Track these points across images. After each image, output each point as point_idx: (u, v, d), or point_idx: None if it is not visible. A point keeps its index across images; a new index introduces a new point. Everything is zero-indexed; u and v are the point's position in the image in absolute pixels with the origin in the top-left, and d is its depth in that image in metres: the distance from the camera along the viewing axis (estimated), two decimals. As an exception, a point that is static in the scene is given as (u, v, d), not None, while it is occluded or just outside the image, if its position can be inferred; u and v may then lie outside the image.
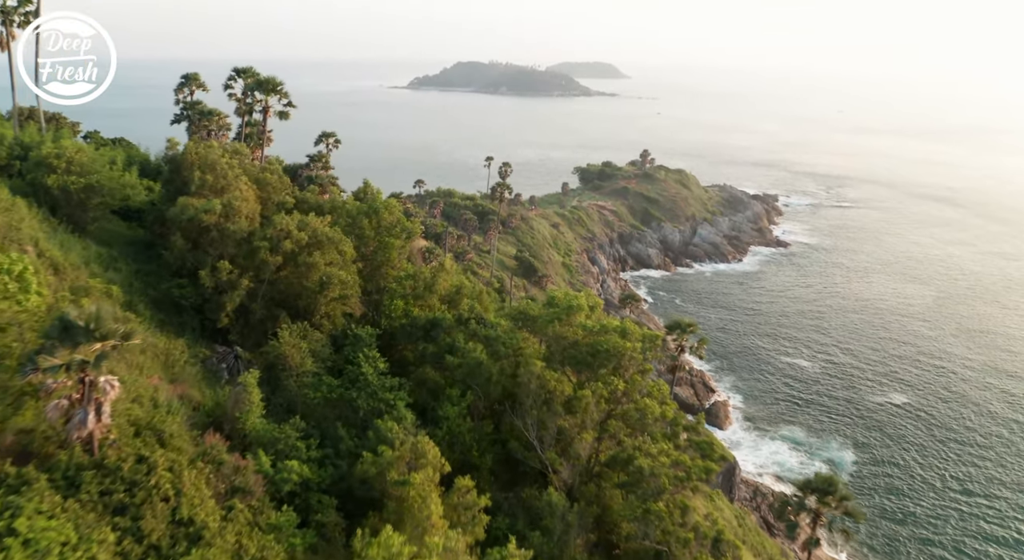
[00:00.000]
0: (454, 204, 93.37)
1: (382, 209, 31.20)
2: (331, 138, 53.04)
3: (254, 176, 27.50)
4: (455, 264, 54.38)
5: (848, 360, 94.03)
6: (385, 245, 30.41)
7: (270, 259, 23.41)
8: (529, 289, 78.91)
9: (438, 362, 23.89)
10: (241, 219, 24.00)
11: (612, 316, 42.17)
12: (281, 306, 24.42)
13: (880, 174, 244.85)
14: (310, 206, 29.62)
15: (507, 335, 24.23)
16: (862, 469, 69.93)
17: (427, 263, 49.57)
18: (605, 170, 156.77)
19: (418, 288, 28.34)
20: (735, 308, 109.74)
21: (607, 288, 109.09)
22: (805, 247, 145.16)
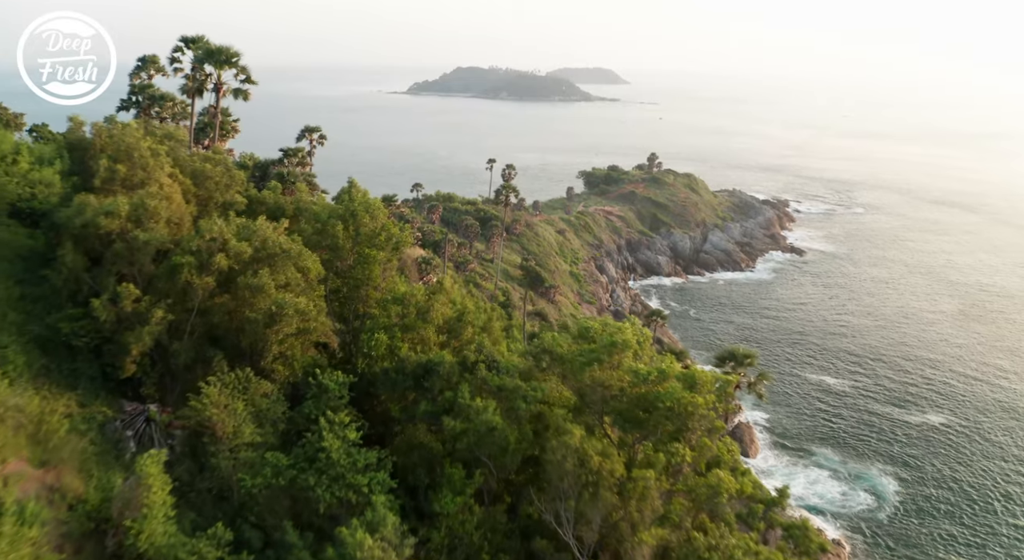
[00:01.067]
0: (454, 209, 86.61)
1: (361, 212, 24.42)
2: (315, 133, 46.37)
3: (191, 169, 20.76)
4: (457, 280, 47.46)
5: (877, 376, 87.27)
6: (365, 259, 23.74)
7: (198, 281, 16.65)
8: (536, 301, 72.03)
9: (434, 422, 17.17)
10: (159, 225, 17.24)
11: (663, 354, 35.19)
12: (217, 345, 17.71)
13: (890, 179, 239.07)
14: (268, 209, 22.92)
15: (529, 387, 17.40)
16: (910, 497, 63.15)
17: (423, 276, 42.65)
18: (611, 174, 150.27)
19: (408, 316, 21.57)
20: (752, 320, 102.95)
21: (616, 298, 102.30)
22: (821, 255, 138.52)
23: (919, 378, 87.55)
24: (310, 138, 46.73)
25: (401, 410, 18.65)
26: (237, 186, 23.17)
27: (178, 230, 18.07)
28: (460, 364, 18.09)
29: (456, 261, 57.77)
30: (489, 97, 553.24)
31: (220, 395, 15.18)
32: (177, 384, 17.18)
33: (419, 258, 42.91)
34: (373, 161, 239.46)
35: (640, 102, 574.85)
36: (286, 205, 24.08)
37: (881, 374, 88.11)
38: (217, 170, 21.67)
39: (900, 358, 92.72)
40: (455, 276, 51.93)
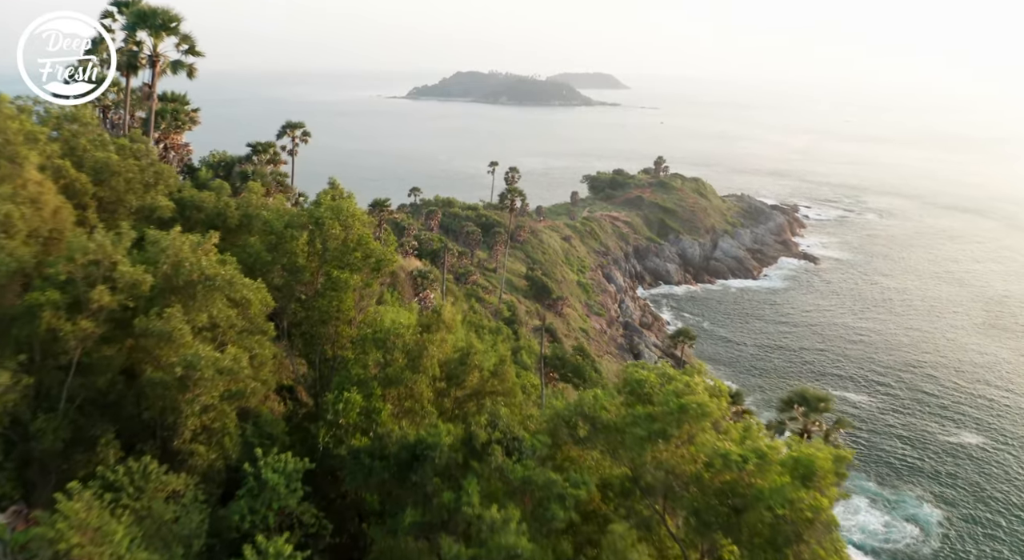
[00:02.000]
0: (454, 214, 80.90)
1: (328, 220, 18.75)
2: (297, 130, 40.71)
3: (92, 161, 15.07)
4: (458, 296, 41.69)
5: (904, 390, 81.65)
6: (334, 284, 18.14)
7: (68, 327, 10.93)
8: (542, 314, 66.19)
9: (427, 534, 11.51)
10: (14, 240, 11.51)
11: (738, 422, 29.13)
12: (109, 417, 12.05)
13: (898, 184, 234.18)
14: (206, 216, 17.22)
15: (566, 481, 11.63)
16: (956, 525, 57.53)
17: (419, 293, 36.90)
18: (617, 178, 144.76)
19: (393, 364, 15.76)
20: (769, 332, 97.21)
21: (625, 309, 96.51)
22: (836, 262, 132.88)
23: (949, 392, 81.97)
24: (292, 135, 41.15)
25: (381, 502, 13.03)
26: (168, 184, 17.41)
27: (51, 248, 12.44)
28: (466, 444, 12.52)
29: (456, 272, 52.18)
30: (489, 102, 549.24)
31: (90, 510, 9.54)
32: (50, 475, 11.54)
33: (415, 271, 37.13)
34: (371, 166, 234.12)
35: (641, 107, 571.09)
36: (229, 212, 18.22)
37: (908, 389, 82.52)
38: (128, 164, 15.94)
39: (927, 371, 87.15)
40: (456, 291, 46.15)
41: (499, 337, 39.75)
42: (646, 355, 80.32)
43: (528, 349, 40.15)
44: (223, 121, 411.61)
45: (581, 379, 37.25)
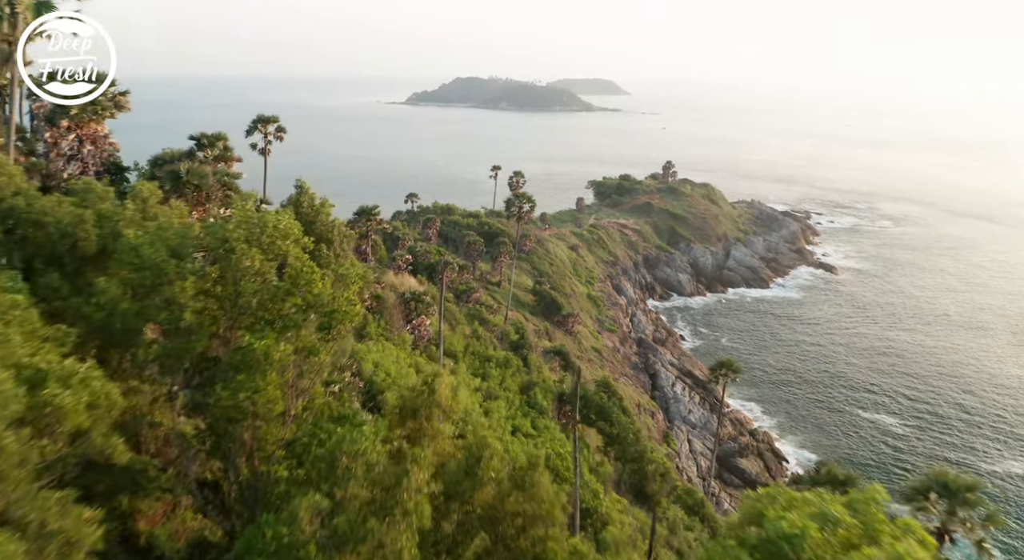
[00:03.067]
0: (454, 222, 74.58)
1: (240, 248, 11.74)
2: (270, 125, 34.51)
3: None
4: (459, 330, 35.36)
5: (940, 414, 75.23)
6: (246, 358, 10.56)
7: None
8: (552, 333, 59.82)
9: None
10: None
11: None
12: None
13: (907, 189, 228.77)
14: (46, 236, 10.45)
15: None
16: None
17: (411, 321, 30.52)
18: (624, 184, 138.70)
19: (346, 508, 8.54)
20: (792, 347, 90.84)
21: (637, 323, 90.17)
22: (855, 273, 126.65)
23: (988, 415, 75.56)
24: (264, 131, 35.02)
25: None
26: None
27: None
28: None
29: (457, 289, 45.92)
30: (489, 107, 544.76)
31: None
32: None
33: (407, 293, 30.75)
34: (368, 171, 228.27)
35: (642, 112, 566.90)
36: (82, 230, 11.71)
37: (944, 412, 76.12)
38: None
39: (961, 391, 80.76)
40: (457, 313, 39.81)
41: (508, 371, 33.46)
42: (663, 376, 73.92)
43: (543, 385, 33.76)
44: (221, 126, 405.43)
45: (607, 422, 30.94)
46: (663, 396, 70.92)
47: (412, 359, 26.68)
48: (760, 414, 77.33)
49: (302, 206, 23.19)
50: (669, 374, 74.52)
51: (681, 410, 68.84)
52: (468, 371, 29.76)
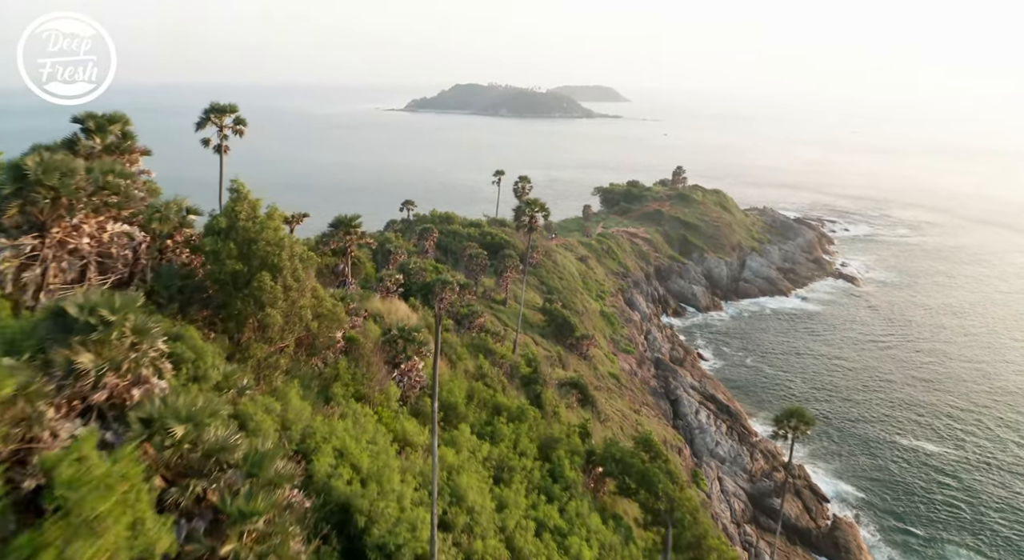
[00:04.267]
0: (453, 233, 67.51)
1: None
2: (227, 116, 27.67)
3: None
4: (459, 369, 28.60)
5: (984, 440, 68.18)
6: None
7: None
8: (565, 358, 52.67)
9: None
10: None
11: None
12: None
13: (919, 196, 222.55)
14: None
15: None
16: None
17: (399, 366, 23.33)
18: (632, 190, 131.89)
19: None
20: (818, 366, 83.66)
21: (653, 341, 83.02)
22: (878, 284, 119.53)
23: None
24: (218, 123, 28.16)
25: None
26: None
27: None
28: None
29: (457, 314, 38.75)
30: (488, 114, 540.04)
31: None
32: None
33: (394, 329, 23.68)
34: (364, 178, 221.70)
35: (643, 119, 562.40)
36: None
37: (989, 438, 68.99)
38: None
39: (1007, 413, 73.72)
40: (457, 345, 32.80)
41: (523, 426, 26.31)
42: (685, 402, 66.70)
43: (568, 443, 26.57)
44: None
45: (650, 492, 23.82)
46: (687, 426, 63.68)
47: (397, 424, 19.49)
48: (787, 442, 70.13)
49: (238, 218, 16.18)
50: (692, 400, 67.32)
51: (708, 442, 61.57)
52: (473, 432, 22.55)
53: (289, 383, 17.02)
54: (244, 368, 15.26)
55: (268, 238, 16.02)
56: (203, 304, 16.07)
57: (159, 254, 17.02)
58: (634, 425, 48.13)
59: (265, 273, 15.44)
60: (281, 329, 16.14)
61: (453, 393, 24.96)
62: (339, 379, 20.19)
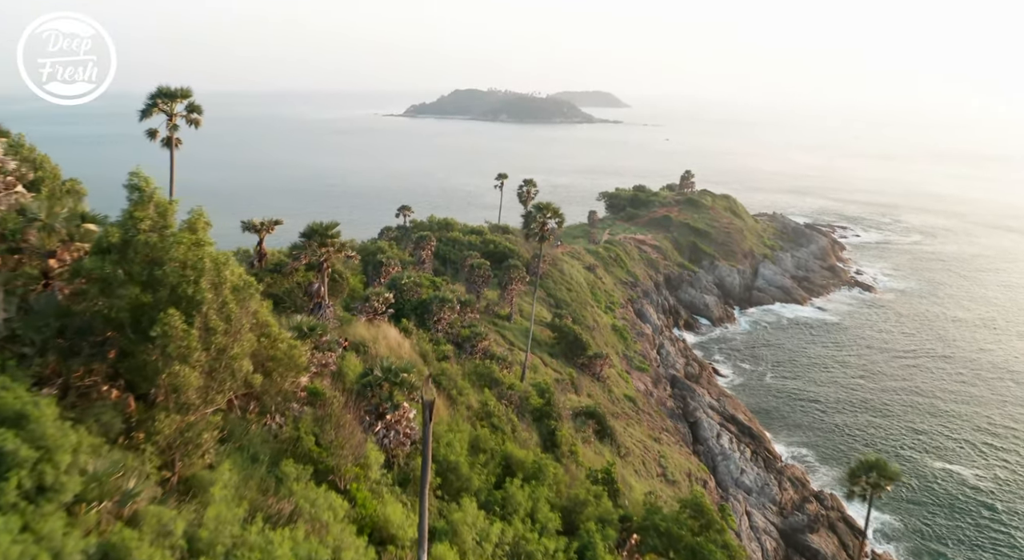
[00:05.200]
0: (453, 240, 62.30)
1: None
2: (179, 102, 22.68)
3: None
4: (459, 409, 23.25)
5: None
6: None
7: None
8: (578, 381, 47.40)
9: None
10: None
11: None
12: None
13: (928, 202, 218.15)
14: None
15: None
16: None
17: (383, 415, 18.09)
18: (639, 196, 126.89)
19: None
20: (840, 382, 78.32)
21: (666, 356, 77.73)
22: (896, 292, 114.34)
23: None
24: (168, 109, 23.22)
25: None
26: None
27: None
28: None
29: (457, 337, 33.49)
30: (488, 119, 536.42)
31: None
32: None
33: (378, 371, 18.40)
34: (363, 183, 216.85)
35: (643, 124, 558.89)
36: None
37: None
38: None
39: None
40: (457, 376, 27.57)
41: (541, 488, 21.04)
42: (705, 425, 61.38)
43: (596, 507, 21.34)
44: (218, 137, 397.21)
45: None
46: (708, 451, 58.34)
47: (376, 509, 14.20)
48: (814, 461, 65.03)
49: (138, 229, 10.98)
50: (712, 422, 61.98)
51: (732, 470, 56.21)
52: (479, 504, 17.24)
53: (220, 463, 11.84)
54: (142, 456, 10.13)
55: (181, 258, 10.88)
56: (93, 354, 11.00)
57: (39, 280, 11.90)
58: (657, 458, 42.81)
59: (173, 312, 10.34)
60: (202, 390, 11.00)
61: (453, 447, 19.65)
62: (299, 446, 14.89)
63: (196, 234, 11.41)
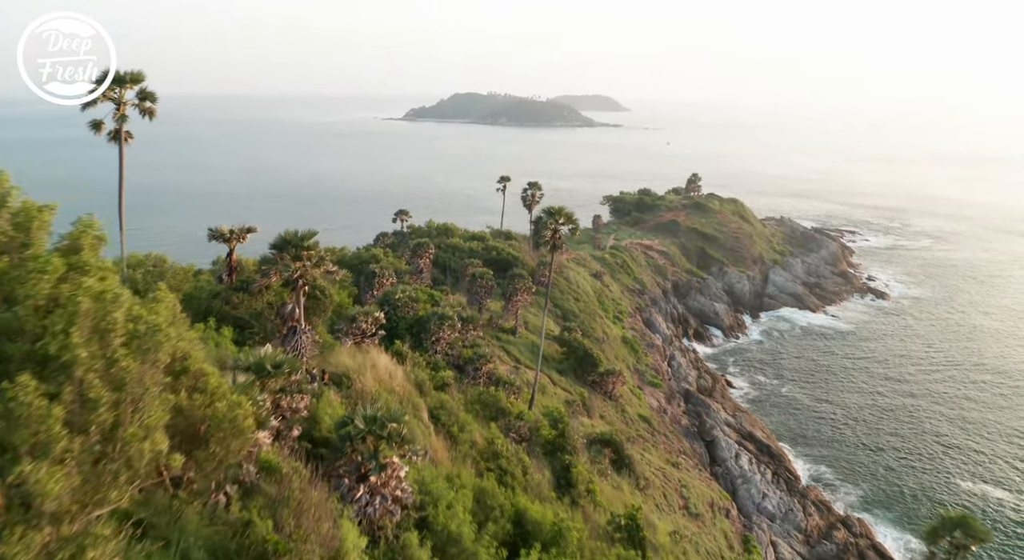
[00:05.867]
0: (453, 247, 58.45)
1: None
2: (129, 88, 18.81)
3: None
4: (460, 453, 18.83)
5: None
6: None
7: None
8: (590, 401, 43.50)
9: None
10: None
11: None
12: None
13: (935, 205, 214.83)
14: None
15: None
16: None
17: (366, 476, 14.25)
18: (644, 200, 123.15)
19: None
20: (861, 395, 74.43)
21: (677, 368, 73.81)
22: (913, 301, 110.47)
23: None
24: (116, 97, 19.60)
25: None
26: None
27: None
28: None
29: (458, 359, 29.56)
30: (488, 123, 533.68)
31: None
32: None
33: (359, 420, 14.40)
34: (361, 187, 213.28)
35: (643, 128, 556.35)
36: None
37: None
38: None
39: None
40: (458, 407, 23.71)
41: (563, 557, 17.15)
42: (723, 444, 57.42)
43: None
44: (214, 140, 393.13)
45: None
46: (727, 473, 54.38)
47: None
48: (835, 480, 61.10)
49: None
50: (730, 441, 58.04)
51: (754, 494, 52.25)
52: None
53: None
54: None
55: (44, 295, 7.09)
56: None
57: None
58: (678, 487, 38.87)
59: (26, 380, 6.51)
60: (81, 492, 7.19)
61: (455, 512, 15.74)
62: (250, 533, 11.02)
63: (76, 257, 7.64)
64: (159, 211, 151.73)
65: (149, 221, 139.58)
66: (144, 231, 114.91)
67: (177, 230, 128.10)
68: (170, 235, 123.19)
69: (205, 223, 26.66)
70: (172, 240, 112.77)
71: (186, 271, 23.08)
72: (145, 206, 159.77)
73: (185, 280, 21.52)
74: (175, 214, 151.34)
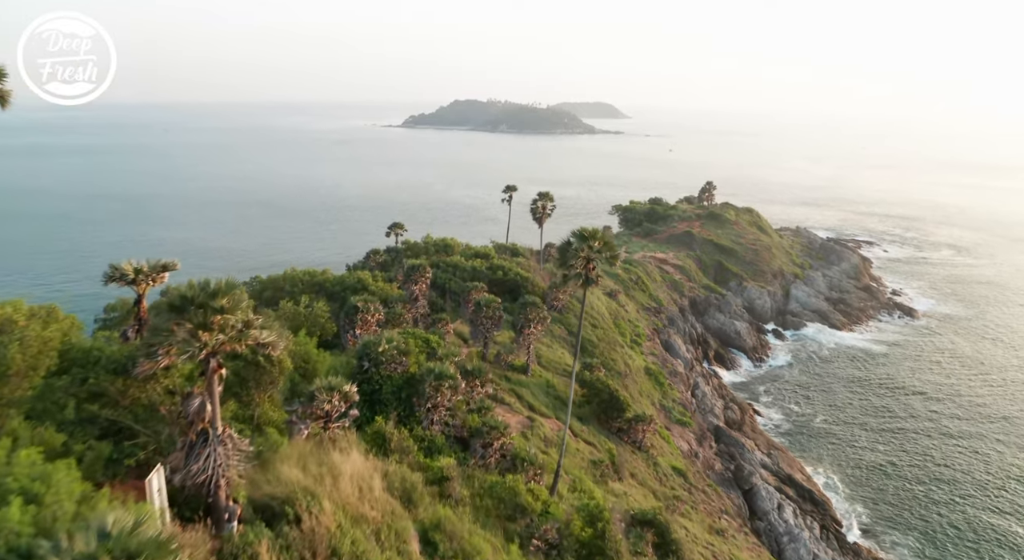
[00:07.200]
0: (453, 266, 51.29)
1: None
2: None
3: None
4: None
5: None
6: None
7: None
8: (619, 460, 36.30)
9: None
10: None
11: None
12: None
13: (952, 214, 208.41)
14: None
15: None
16: None
17: None
18: (655, 209, 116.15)
19: None
20: (902, 426, 67.17)
21: (702, 398, 66.50)
22: (943, 318, 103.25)
23: None
24: None
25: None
26: None
27: None
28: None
29: (462, 428, 22.43)
30: (488, 130, 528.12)
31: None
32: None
33: None
34: (356, 195, 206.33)
35: (645, 135, 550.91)
36: None
37: None
38: None
39: None
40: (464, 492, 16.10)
41: None
42: (763, 493, 50.05)
43: None
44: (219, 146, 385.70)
45: None
46: (770, 529, 47.02)
47: None
48: (879, 527, 53.76)
49: None
50: (770, 489, 50.69)
51: (803, 555, 44.88)
52: None
53: None
54: None
55: None
56: None
57: None
58: (730, 571, 31.52)
59: None
60: None
61: None
62: None
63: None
64: (155, 221, 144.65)
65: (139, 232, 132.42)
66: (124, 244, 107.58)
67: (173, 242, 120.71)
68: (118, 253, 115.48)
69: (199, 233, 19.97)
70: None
71: (65, 327, 15.26)
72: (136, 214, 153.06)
73: (49, 348, 13.82)
74: (173, 224, 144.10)
